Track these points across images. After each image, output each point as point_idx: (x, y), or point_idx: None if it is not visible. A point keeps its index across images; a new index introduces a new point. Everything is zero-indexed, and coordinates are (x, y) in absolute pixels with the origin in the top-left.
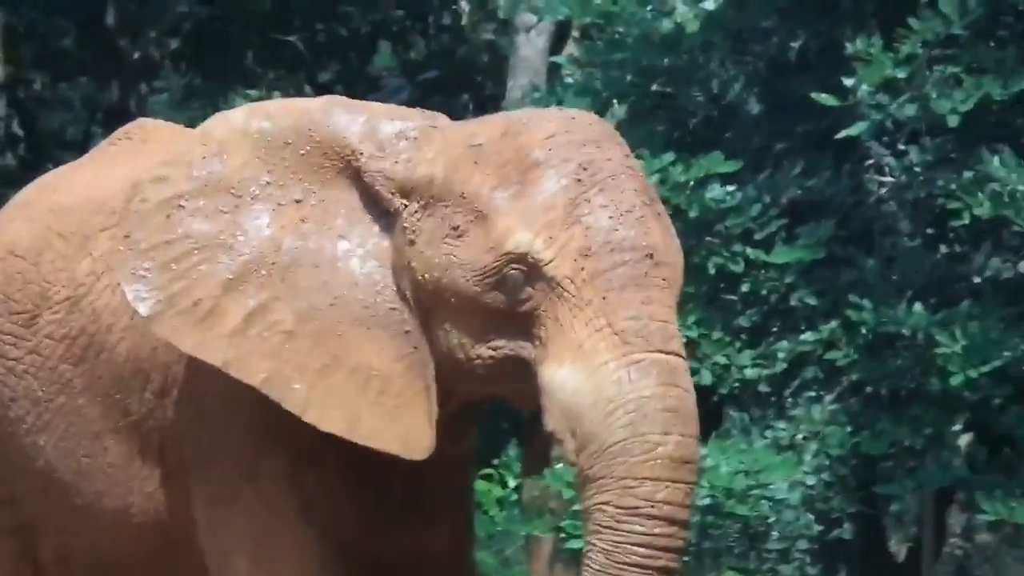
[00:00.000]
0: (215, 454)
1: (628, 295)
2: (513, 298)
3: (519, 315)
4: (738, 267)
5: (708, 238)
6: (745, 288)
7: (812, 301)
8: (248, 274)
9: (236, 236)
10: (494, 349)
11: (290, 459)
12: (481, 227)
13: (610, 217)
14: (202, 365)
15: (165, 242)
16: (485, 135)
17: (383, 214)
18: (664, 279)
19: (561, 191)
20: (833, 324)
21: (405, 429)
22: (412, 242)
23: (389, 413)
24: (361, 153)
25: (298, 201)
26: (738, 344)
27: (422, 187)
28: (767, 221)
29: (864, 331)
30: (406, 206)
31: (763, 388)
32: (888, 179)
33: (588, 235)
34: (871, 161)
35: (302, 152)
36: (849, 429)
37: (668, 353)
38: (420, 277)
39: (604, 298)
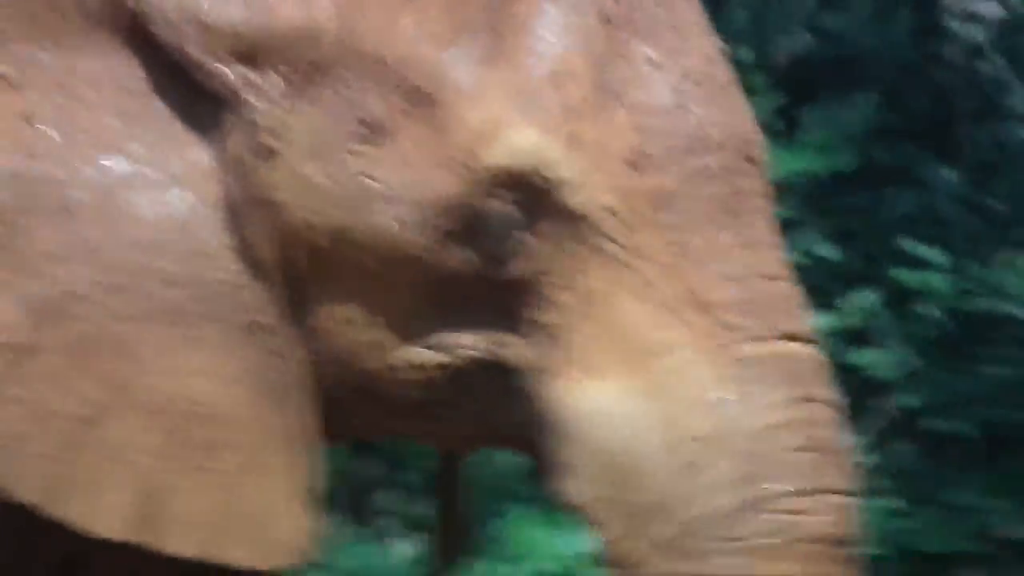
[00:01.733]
0: None
1: (719, 232)
2: (495, 256)
3: (504, 287)
4: None
5: None
6: None
7: (827, 251)
8: None
9: None
10: (447, 351)
11: None
12: (428, 120)
13: (672, 86)
14: None
15: None
16: None
17: (200, 101)
18: (764, 195)
19: (577, 43)
20: (870, 294)
21: (258, 513)
22: (273, 152)
23: (225, 485)
24: None
25: (12, 82)
26: None
27: (290, 44)
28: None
29: (930, 313)
30: (253, 83)
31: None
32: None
33: (639, 124)
34: None
35: None
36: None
37: (797, 339)
38: (293, 220)
39: (678, 243)
